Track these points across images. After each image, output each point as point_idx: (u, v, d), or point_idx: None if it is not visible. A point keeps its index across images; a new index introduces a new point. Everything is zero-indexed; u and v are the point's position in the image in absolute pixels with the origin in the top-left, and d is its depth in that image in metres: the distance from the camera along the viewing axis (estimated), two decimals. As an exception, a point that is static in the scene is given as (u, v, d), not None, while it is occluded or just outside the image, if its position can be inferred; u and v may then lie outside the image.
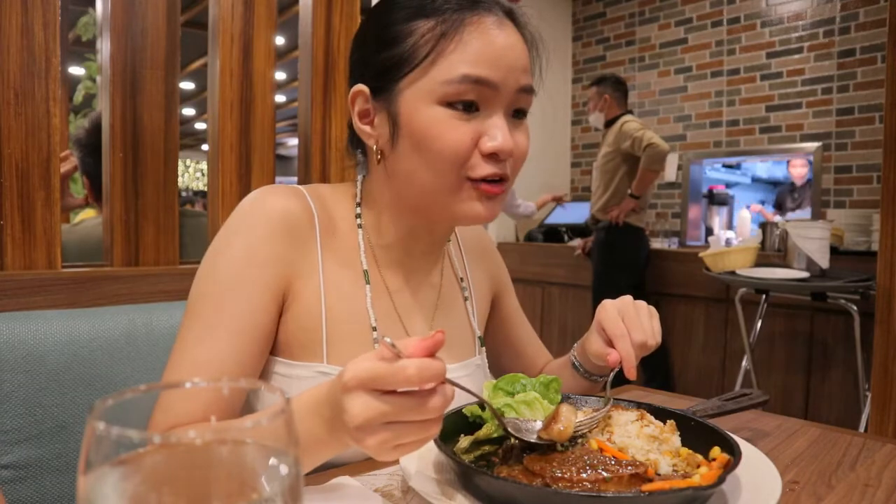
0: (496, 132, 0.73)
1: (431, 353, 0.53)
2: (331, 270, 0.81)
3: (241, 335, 0.73)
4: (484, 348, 0.95)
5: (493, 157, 0.74)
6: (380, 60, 0.77)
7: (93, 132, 1.71)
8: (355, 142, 0.87)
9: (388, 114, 0.77)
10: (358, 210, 0.85)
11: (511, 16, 0.79)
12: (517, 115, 0.78)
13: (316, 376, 0.77)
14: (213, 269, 0.75)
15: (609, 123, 3.65)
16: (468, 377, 0.88)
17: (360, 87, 0.79)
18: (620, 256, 3.58)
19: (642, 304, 0.84)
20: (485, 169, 0.74)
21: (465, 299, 0.95)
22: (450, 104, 0.73)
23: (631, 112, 3.69)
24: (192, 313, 0.74)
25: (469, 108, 0.73)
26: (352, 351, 0.79)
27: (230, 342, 0.72)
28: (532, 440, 0.65)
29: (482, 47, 0.73)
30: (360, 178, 0.88)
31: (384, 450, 0.54)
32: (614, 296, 0.85)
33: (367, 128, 0.80)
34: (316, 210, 0.81)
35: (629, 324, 0.80)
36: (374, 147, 0.79)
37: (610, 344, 0.81)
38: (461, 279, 0.96)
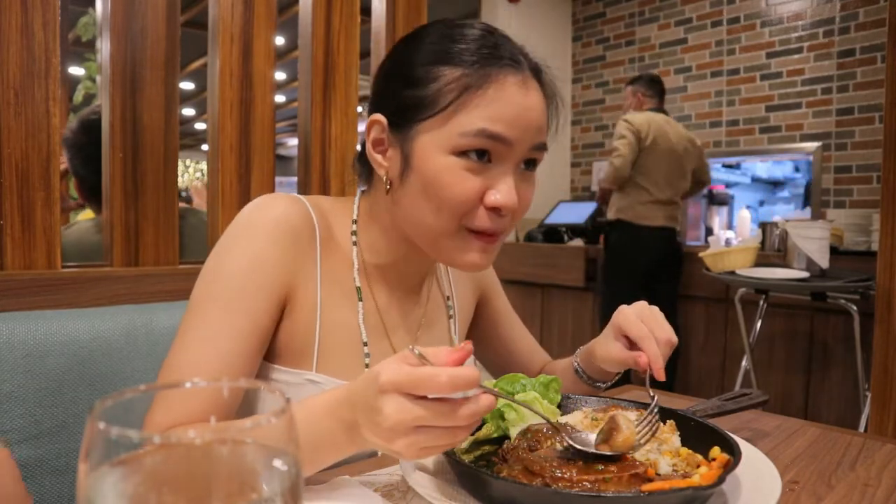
0: (502, 187, 0.74)
1: (460, 364, 0.56)
2: (328, 281, 0.82)
3: (243, 338, 0.73)
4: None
5: (495, 210, 0.75)
6: (401, 98, 0.77)
7: (79, 131, 1.64)
8: (364, 162, 0.87)
9: (402, 151, 0.77)
10: (354, 227, 0.86)
11: (537, 74, 0.79)
12: (528, 165, 0.79)
13: (304, 384, 0.78)
14: (217, 272, 0.76)
15: None
16: None
17: (378, 116, 0.79)
18: (612, 255, 3.54)
19: (656, 308, 0.84)
20: (484, 222, 0.75)
21: (450, 317, 0.96)
22: (463, 153, 0.73)
23: (660, 110, 3.52)
24: (195, 314, 0.74)
25: (482, 156, 0.74)
26: (341, 363, 0.81)
27: (233, 344, 0.73)
28: (594, 451, 0.63)
29: (503, 106, 0.73)
30: (358, 194, 0.89)
31: (411, 451, 0.56)
32: (612, 296, 0.85)
33: (379, 157, 0.80)
34: (317, 220, 0.82)
35: (650, 324, 0.80)
36: (385, 177, 0.80)
37: (632, 347, 0.81)
38: (447, 297, 0.97)
